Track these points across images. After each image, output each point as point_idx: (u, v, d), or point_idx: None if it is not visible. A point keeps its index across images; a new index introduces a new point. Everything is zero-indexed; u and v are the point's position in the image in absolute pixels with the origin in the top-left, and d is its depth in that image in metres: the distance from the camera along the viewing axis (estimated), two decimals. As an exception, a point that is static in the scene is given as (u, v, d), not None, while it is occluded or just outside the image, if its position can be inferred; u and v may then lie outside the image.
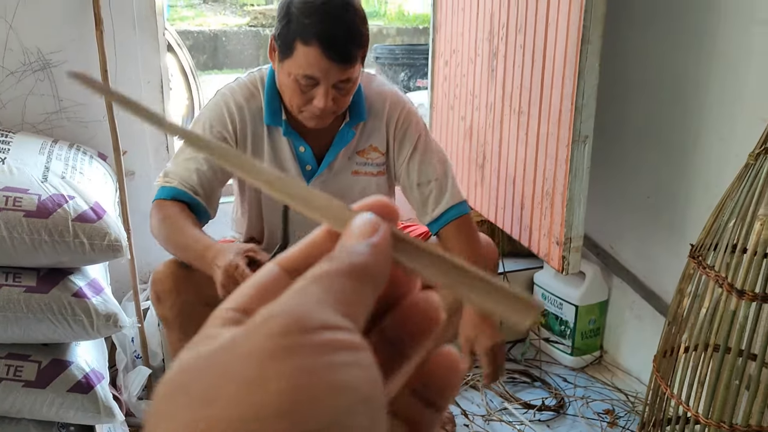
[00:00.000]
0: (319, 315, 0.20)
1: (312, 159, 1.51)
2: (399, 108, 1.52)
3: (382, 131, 1.52)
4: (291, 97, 1.38)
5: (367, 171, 1.54)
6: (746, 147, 1.32)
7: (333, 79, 1.32)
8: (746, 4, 1.52)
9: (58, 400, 1.42)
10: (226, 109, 1.46)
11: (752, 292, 1.25)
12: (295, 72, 1.32)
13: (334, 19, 1.30)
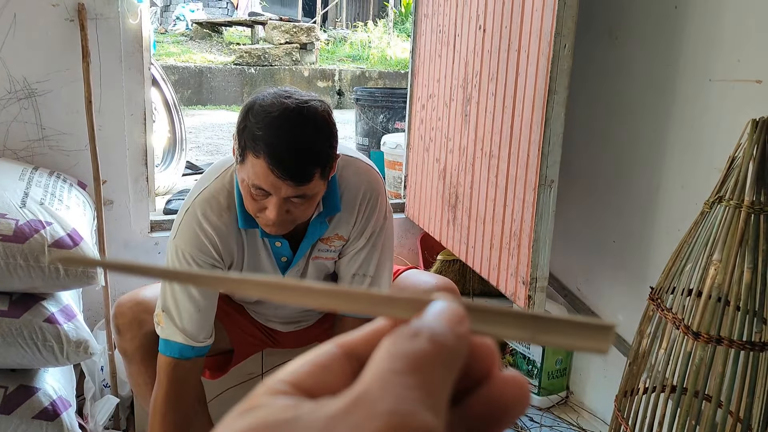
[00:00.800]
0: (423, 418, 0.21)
1: (288, 250, 1.44)
2: (370, 195, 1.45)
3: (350, 222, 1.46)
4: (246, 200, 1.29)
5: (327, 257, 1.50)
6: (704, 195, 1.39)
7: (284, 194, 1.22)
8: (702, 64, 1.61)
9: (22, 426, 1.41)
10: (204, 237, 1.36)
11: (707, 334, 1.30)
12: (247, 180, 1.23)
13: (287, 135, 1.19)
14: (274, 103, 1.21)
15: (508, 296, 1.74)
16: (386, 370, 0.21)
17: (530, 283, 1.61)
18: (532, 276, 1.60)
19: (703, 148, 1.63)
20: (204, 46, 8.61)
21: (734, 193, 1.31)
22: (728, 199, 1.31)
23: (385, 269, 1.50)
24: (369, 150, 3.24)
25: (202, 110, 7.00)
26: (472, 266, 1.93)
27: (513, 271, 1.70)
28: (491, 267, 1.82)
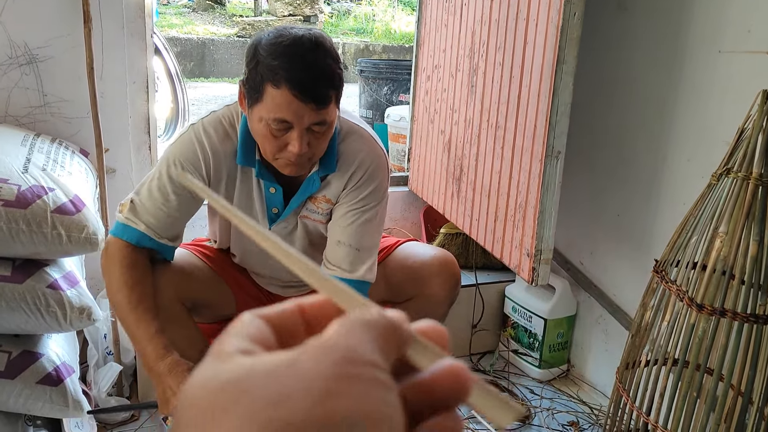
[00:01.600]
0: (370, 354, 0.24)
1: (280, 202, 1.46)
2: (366, 166, 1.46)
3: (341, 183, 1.46)
4: (263, 143, 1.31)
5: (315, 218, 1.51)
6: (710, 168, 1.38)
7: (307, 121, 1.26)
8: (710, 35, 1.59)
9: (26, 391, 1.42)
10: (200, 151, 1.40)
11: (711, 306, 1.30)
12: (266, 116, 1.25)
13: (303, 59, 1.22)
14: (282, 35, 1.25)
15: (512, 268, 1.74)
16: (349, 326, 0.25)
17: (535, 256, 1.61)
18: (537, 248, 1.60)
19: (710, 120, 1.61)
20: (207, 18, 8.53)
21: (742, 165, 1.30)
22: (736, 171, 1.30)
23: (370, 246, 1.48)
24: (373, 123, 3.22)
25: (205, 83, 6.95)
26: (476, 239, 1.93)
27: (517, 244, 1.69)
28: (495, 239, 1.81)
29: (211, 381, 0.24)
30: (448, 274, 1.59)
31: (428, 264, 1.59)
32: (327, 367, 0.23)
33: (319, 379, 0.23)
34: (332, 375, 0.23)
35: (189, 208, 1.43)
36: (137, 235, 1.40)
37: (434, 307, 1.59)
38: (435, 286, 1.58)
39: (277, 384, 0.23)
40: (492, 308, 2.23)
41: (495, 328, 2.26)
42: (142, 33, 1.91)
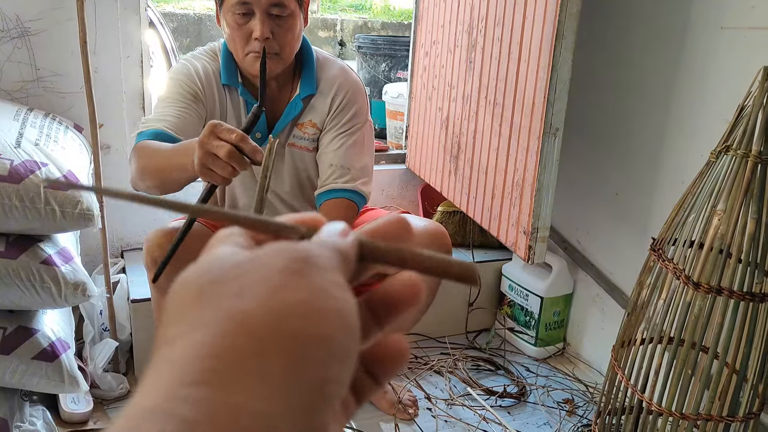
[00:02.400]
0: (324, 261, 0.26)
1: (264, 127, 1.53)
2: (346, 87, 1.55)
3: (324, 106, 1.54)
4: (233, 41, 1.43)
5: (302, 145, 1.57)
6: (709, 146, 1.37)
7: (264, 2, 1.37)
8: (712, 11, 1.57)
9: (21, 367, 1.42)
10: (192, 69, 1.50)
11: (707, 284, 1.30)
12: (229, 4, 1.38)
13: None
14: None
15: (508, 246, 1.73)
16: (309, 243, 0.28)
17: (531, 234, 1.60)
18: (534, 226, 1.59)
19: (710, 97, 1.59)
20: (203, -6, 8.42)
21: (742, 142, 1.28)
22: (735, 149, 1.29)
23: (366, 163, 1.55)
24: (370, 100, 3.18)
25: (202, 59, 6.89)
26: (473, 217, 1.92)
27: (514, 222, 1.68)
28: (492, 217, 1.80)
29: (189, 273, 0.26)
30: (438, 245, 1.56)
31: (418, 236, 1.58)
32: (283, 262, 0.25)
33: (275, 272, 0.25)
34: (286, 269, 0.25)
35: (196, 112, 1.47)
36: (154, 132, 1.39)
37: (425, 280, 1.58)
38: None
39: (242, 275, 0.25)
40: (489, 286, 2.23)
41: (491, 306, 2.26)
42: (136, 6, 1.88)
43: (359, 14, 8.30)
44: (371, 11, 8.49)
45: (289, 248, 0.26)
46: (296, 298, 0.24)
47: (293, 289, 0.24)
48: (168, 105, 1.45)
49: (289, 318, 0.23)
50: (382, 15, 8.19)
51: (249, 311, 0.23)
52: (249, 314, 0.23)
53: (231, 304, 0.24)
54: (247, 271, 0.25)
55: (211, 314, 0.24)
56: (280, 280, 0.24)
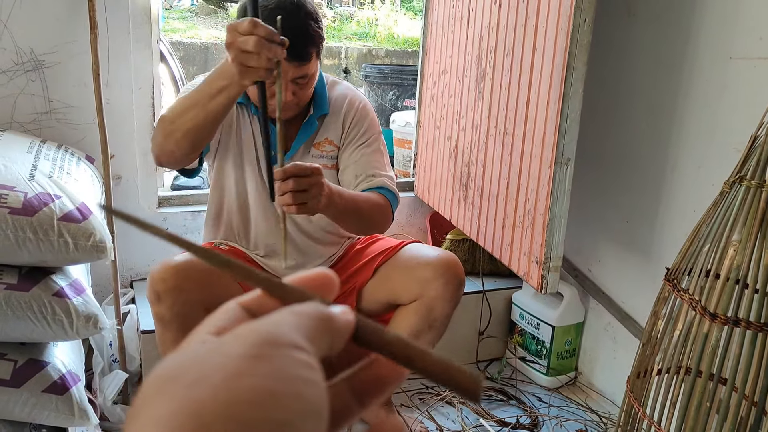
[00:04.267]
0: (290, 336, 0.26)
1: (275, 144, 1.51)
2: (356, 104, 1.64)
3: (338, 124, 1.62)
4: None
5: (322, 163, 1.59)
6: (721, 175, 1.36)
7: (291, 76, 1.42)
8: (722, 41, 1.58)
9: (32, 400, 1.41)
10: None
11: (724, 315, 1.29)
12: None
13: (287, 23, 1.28)
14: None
15: (520, 275, 1.72)
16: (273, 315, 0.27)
17: (544, 263, 1.59)
18: (546, 256, 1.58)
19: (721, 127, 1.60)
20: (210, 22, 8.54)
21: (756, 173, 1.28)
22: (749, 179, 1.28)
23: (385, 168, 1.62)
24: (377, 128, 3.20)
25: (208, 87, 6.94)
26: (484, 245, 1.91)
27: (526, 251, 1.68)
28: (503, 246, 1.80)
29: (156, 370, 0.25)
30: (451, 275, 1.58)
31: (431, 265, 1.59)
32: (244, 347, 0.25)
33: (234, 359, 0.24)
34: (246, 354, 0.24)
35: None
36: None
37: (438, 309, 1.59)
38: (438, 288, 1.57)
39: (200, 366, 0.24)
40: (499, 315, 2.22)
41: (502, 335, 2.24)
42: (148, 39, 1.90)
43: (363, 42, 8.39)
44: (375, 39, 8.58)
45: (252, 331, 0.26)
46: (250, 385, 0.23)
47: (248, 375, 0.24)
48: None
49: (240, 405, 0.23)
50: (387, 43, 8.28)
51: (202, 400, 0.23)
52: (201, 404, 0.23)
53: (185, 395, 0.23)
54: (205, 361, 0.25)
55: (165, 408, 0.23)
56: (237, 367, 0.24)
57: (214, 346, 0.26)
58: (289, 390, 0.24)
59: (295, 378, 0.24)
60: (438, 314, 1.59)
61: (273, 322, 0.26)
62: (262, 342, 0.25)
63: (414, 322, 1.60)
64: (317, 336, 0.27)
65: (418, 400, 1.97)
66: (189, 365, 0.25)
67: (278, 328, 0.26)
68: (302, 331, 0.26)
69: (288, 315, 0.27)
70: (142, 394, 0.25)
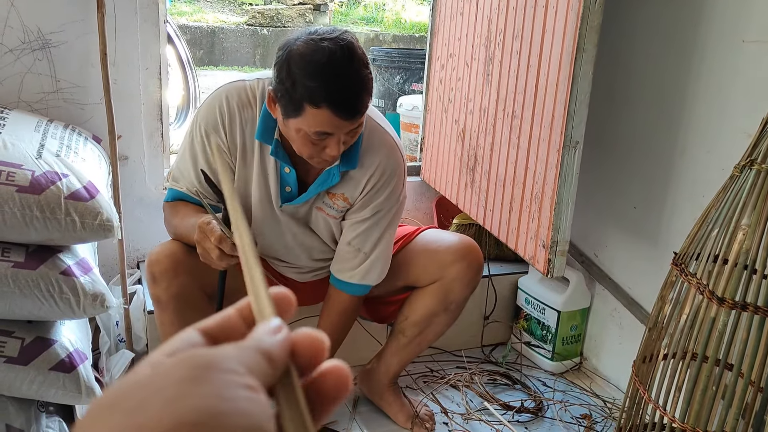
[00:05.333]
0: (229, 364, 0.26)
1: (294, 183, 1.48)
2: (384, 174, 1.50)
3: (360, 185, 1.50)
4: (300, 148, 1.34)
5: (329, 213, 1.54)
6: (731, 160, 1.35)
7: (346, 130, 1.30)
8: (733, 24, 1.56)
9: (39, 378, 1.42)
10: (218, 113, 1.44)
11: (732, 300, 1.28)
12: (306, 129, 1.28)
13: (340, 78, 1.24)
14: (315, 50, 1.24)
15: (527, 260, 1.72)
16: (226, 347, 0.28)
17: (551, 247, 1.59)
18: (553, 239, 1.58)
19: (731, 112, 1.58)
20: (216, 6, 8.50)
21: (767, 156, 1.27)
22: (760, 163, 1.27)
23: (382, 251, 1.56)
24: (384, 112, 3.19)
25: (215, 71, 6.93)
26: (490, 229, 1.91)
27: (533, 235, 1.67)
28: (510, 230, 1.79)
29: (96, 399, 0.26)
30: (472, 259, 1.61)
31: (452, 249, 1.61)
32: (183, 371, 0.25)
33: (173, 383, 0.25)
34: (185, 378, 0.25)
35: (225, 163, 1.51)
36: (174, 193, 1.53)
37: (456, 292, 1.61)
38: (458, 271, 1.59)
39: (140, 392, 0.25)
40: (505, 300, 2.22)
41: (507, 319, 2.24)
42: (155, 19, 1.89)
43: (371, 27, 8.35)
44: (383, 24, 8.53)
45: (193, 357, 0.26)
46: (189, 406, 0.24)
47: (187, 397, 0.24)
48: (193, 163, 1.48)
49: (184, 427, 0.23)
50: (394, 28, 8.23)
51: (143, 425, 0.23)
52: (143, 428, 0.23)
53: (125, 422, 0.23)
54: (145, 386, 0.25)
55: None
56: (176, 390, 0.24)
57: (153, 372, 0.26)
58: (232, 407, 0.24)
59: (235, 397, 0.25)
60: (455, 297, 1.61)
61: (214, 352, 0.27)
62: (201, 366, 0.26)
63: (430, 303, 1.61)
64: (256, 368, 0.27)
65: (422, 383, 1.97)
66: (128, 392, 0.25)
67: (218, 356, 0.26)
68: (242, 362, 0.27)
69: (230, 348, 0.28)
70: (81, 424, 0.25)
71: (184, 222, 1.45)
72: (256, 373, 0.27)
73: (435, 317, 1.62)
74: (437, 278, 1.61)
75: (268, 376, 0.28)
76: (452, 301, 1.61)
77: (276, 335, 0.29)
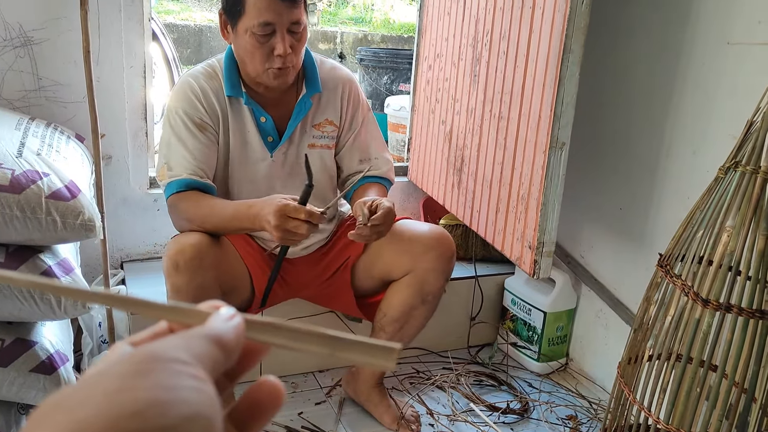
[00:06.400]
0: (173, 353, 0.26)
1: (273, 130, 1.59)
2: (350, 85, 1.68)
3: (336, 105, 1.65)
4: (252, 57, 1.47)
5: (323, 144, 1.66)
6: (716, 161, 1.36)
7: (286, 20, 1.43)
8: (719, 26, 1.56)
9: (19, 379, 1.40)
10: (192, 93, 1.53)
11: (716, 301, 1.28)
12: (251, 24, 1.42)
13: None
14: None
15: (513, 261, 1.72)
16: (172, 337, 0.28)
17: (537, 248, 1.58)
18: (540, 240, 1.57)
19: (717, 113, 1.59)
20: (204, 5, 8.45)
21: (751, 158, 1.27)
22: (744, 165, 1.28)
23: (382, 152, 1.74)
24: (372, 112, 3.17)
25: (202, 70, 6.89)
26: (477, 230, 1.91)
27: (519, 236, 1.67)
28: (496, 231, 1.79)
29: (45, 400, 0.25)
30: (443, 248, 1.62)
31: (423, 239, 1.62)
32: (125, 366, 0.25)
33: (114, 377, 0.25)
34: (127, 372, 0.25)
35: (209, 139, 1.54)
36: (183, 182, 1.51)
37: (431, 283, 1.61)
38: (430, 260, 1.60)
39: (83, 390, 0.25)
40: (491, 301, 2.22)
41: (494, 320, 2.24)
42: (139, 17, 1.87)
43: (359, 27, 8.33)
44: (371, 24, 8.52)
45: (137, 353, 0.26)
46: (129, 398, 0.24)
47: (129, 389, 0.24)
48: (183, 147, 1.51)
49: (124, 419, 0.23)
50: (382, 28, 8.22)
51: (84, 420, 0.23)
52: (85, 424, 0.23)
53: (68, 419, 0.23)
54: (89, 384, 0.25)
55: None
56: (119, 384, 0.24)
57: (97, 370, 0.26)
58: (172, 397, 0.24)
59: (178, 386, 0.25)
60: (431, 288, 1.61)
61: (159, 344, 0.27)
62: (143, 359, 0.26)
63: (407, 295, 1.61)
64: (205, 353, 0.27)
65: (408, 384, 1.97)
66: (72, 391, 0.25)
67: (161, 348, 0.27)
68: (189, 350, 0.27)
69: (175, 338, 0.28)
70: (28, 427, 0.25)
71: (222, 212, 1.47)
72: (206, 360, 0.27)
73: (413, 310, 1.62)
74: (410, 269, 1.61)
75: (220, 363, 0.28)
76: (428, 293, 1.61)
77: (229, 322, 0.30)
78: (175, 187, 1.51)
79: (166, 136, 1.55)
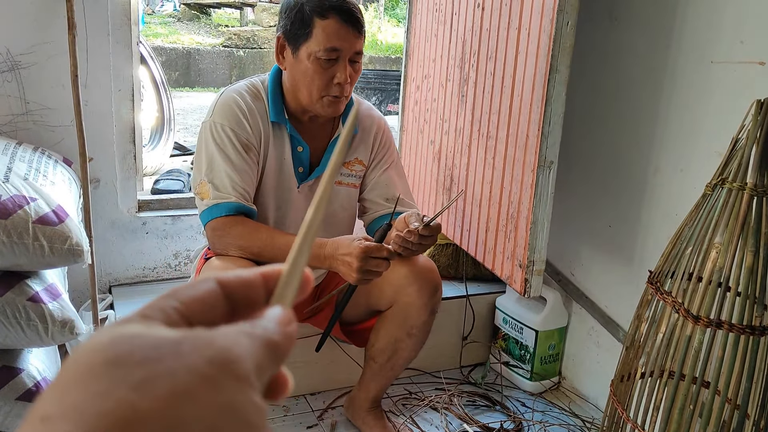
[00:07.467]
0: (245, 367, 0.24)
1: (307, 161, 1.60)
2: (384, 128, 1.71)
3: (368, 145, 1.67)
4: (311, 83, 1.46)
5: (349, 182, 1.67)
6: (703, 178, 1.37)
7: (351, 49, 1.45)
8: (702, 47, 1.59)
9: (5, 408, 1.37)
10: (239, 111, 1.51)
11: (707, 317, 1.29)
12: (317, 48, 1.43)
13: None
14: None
15: (504, 279, 1.72)
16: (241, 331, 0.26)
17: (527, 267, 1.59)
18: (530, 259, 1.58)
19: (703, 131, 1.61)
20: (192, 28, 8.49)
21: (737, 175, 1.29)
22: (731, 182, 1.29)
23: (410, 192, 1.75)
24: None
25: (190, 92, 6.90)
26: (467, 249, 1.91)
27: (509, 255, 1.67)
28: (486, 250, 1.79)
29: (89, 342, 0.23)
30: (424, 281, 1.54)
31: (404, 272, 1.55)
32: (199, 360, 0.23)
33: (185, 370, 0.22)
34: (199, 372, 0.23)
35: (254, 162, 1.53)
36: (233, 206, 1.47)
37: (414, 317, 1.56)
38: (411, 294, 1.54)
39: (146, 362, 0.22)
40: (482, 320, 2.21)
41: (486, 339, 2.23)
42: (127, 41, 1.88)
43: (347, 48, 8.37)
44: (359, 45, 8.57)
45: (209, 345, 0.24)
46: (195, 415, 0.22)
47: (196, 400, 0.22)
48: (230, 166, 1.48)
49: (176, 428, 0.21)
50: (370, 49, 8.28)
51: (142, 411, 0.21)
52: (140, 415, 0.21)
53: (124, 396, 0.21)
54: (155, 359, 0.22)
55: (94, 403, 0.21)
56: (188, 384, 0.22)
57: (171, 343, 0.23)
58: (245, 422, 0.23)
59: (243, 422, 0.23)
60: (414, 321, 1.56)
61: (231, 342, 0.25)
62: (217, 362, 0.23)
63: (391, 329, 1.58)
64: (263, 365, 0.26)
65: (402, 406, 1.95)
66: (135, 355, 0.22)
67: (234, 351, 0.24)
68: (254, 360, 0.25)
69: (244, 338, 0.26)
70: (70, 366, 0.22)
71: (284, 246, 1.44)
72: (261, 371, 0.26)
73: (399, 343, 1.59)
74: (393, 301, 1.57)
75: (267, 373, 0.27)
76: (412, 326, 1.57)
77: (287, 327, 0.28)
78: (224, 210, 1.47)
79: (209, 152, 1.49)
